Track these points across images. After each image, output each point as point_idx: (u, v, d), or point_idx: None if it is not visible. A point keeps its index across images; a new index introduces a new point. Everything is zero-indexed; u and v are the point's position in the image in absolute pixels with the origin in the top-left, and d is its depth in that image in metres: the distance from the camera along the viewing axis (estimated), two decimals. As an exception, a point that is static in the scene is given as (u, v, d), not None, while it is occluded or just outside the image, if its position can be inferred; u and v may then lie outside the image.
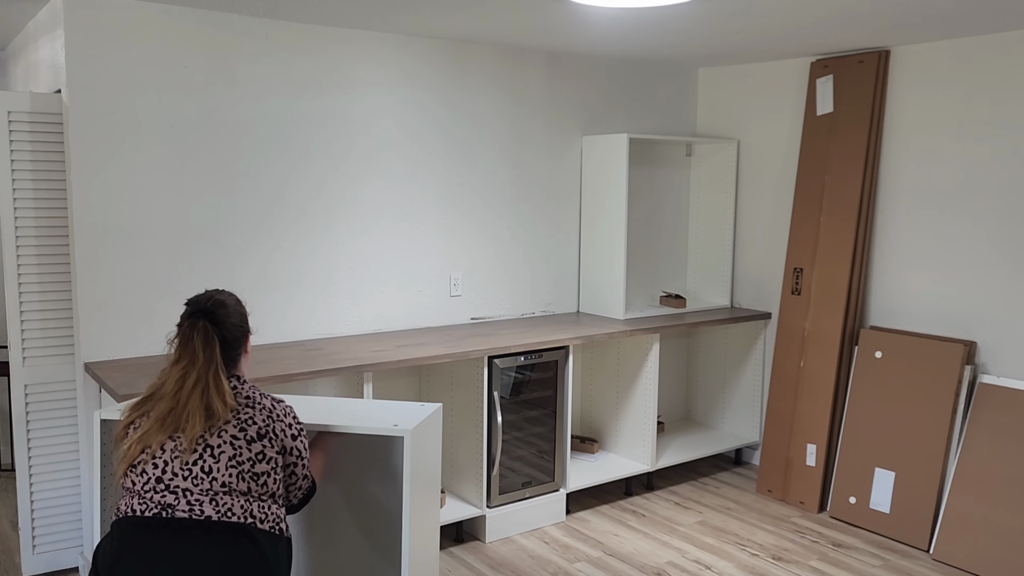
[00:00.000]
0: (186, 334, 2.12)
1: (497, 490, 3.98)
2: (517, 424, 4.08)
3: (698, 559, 3.82)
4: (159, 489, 2.00)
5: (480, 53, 4.34)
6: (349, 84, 3.94)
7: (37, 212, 3.37)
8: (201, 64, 3.55)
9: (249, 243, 3.75)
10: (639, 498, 4.55)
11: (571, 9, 3.47)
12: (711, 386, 5.30)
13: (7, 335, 3.44)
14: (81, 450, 3.51)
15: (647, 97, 5.04)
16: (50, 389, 3.47)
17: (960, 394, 3.93)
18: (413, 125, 4.16)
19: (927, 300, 4.20)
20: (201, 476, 2.00)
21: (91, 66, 3.31)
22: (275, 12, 3.57)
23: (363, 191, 4.03)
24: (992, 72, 3.91)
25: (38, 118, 3.34)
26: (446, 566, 3.71)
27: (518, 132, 4.54)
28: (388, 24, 3.82)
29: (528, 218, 4.63)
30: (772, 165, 4.90)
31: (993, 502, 3.72)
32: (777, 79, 4.84)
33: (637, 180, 5.02)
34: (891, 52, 4.28)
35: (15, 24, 3.96)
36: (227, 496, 2.01)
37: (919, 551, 3.94)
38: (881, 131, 4.34)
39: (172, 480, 2.00)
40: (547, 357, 4.09)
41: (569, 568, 3.72)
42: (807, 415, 4.45)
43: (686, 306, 4.98)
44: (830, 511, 4.32)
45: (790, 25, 3.76)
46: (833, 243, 4.40)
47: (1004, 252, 3.91)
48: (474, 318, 4.49)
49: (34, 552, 3.51)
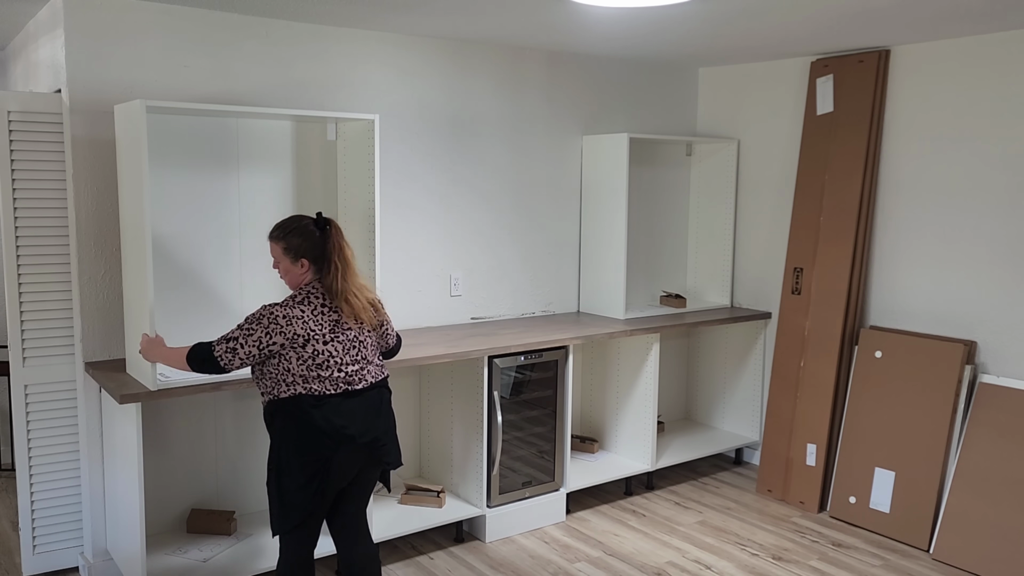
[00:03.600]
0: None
1: (497, 490, 3.98)
2: (517, 424, 4.08)
3: (698, 559, 3.82)
4: None
5: (480, 53, 4.34)
6: (349, 83, 3.94)
7: (37, 212, 3.37)
8: (202, 63, 3.55)
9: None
10: (639, 498, 4.55)
11: (571, 9, 3.46)
12: (711, 386, 5.30)
13: (7, 335, 3.44)
14: (81, 450, 3.50)
15: (647, 97, 5.04)
16: (50, 389, 3.47)
17: (960, 394, 3.93)
18: (413, 125, 4.16)
19: (927, 300, 4.20)
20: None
21: (91, 66, 3.31)
22: (275, 11, 3.57)
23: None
24: (992, 72, 3.91)
25: (38, 118, 3.34)
26: (446, 566, 3.71)
27: (518, 132, 4.53)
28: (388, 24, 3.82)
29: (528, 218, 4.63)
30: (772, 165, 4.90)
31: (993, 502, 3.72)
32: (777, 79, 4.84)
33: (637, 180, 5.02)
34: (891, 52, 4.28)
35: (15, 24, 3.96)
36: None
37: (919, 551, 3.94)
38: (881, 131, 4.34)
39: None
40: (547, 357, 4.09)
41: (569, 568, 3.72)
42: (807, 415, 4.45)
43: (686, 306, 4.98)
44: (830, 511, 4.32)
45: (790, 25, 3.76)
46: (833, 243, 4.40)
47: (1004, 252, 3.91)
48: (474, 318, 4.49)
49: (34, 552, 3.51)
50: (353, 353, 2.76)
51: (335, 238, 2.79)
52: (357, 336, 2.78)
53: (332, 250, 2.76)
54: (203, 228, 3.62)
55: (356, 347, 2.77)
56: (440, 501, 3.93)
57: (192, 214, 3.59)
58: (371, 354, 2.84)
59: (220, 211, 3.65)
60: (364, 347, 2.80)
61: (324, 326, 2.72)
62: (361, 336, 2.80)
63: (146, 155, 2.96)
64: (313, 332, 2.69)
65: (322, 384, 2.68)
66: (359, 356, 2.78)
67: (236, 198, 3.68)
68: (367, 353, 2.81)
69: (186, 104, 3.20)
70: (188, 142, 3.55)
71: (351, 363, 2.75)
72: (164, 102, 3.12)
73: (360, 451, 2.74)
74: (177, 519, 3.67)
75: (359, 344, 2.79)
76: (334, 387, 2.70)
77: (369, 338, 2.83)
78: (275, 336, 2.65)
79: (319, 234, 2.77)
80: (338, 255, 2.76)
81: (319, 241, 2.76)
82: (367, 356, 2.81)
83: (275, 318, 2.66)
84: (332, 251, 2.76)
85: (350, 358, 2.75)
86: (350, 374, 2.74)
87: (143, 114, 2.95)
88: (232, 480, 3.79)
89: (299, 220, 2.82)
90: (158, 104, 3.10)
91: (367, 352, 2.81)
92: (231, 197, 3.67)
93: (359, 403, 2.74)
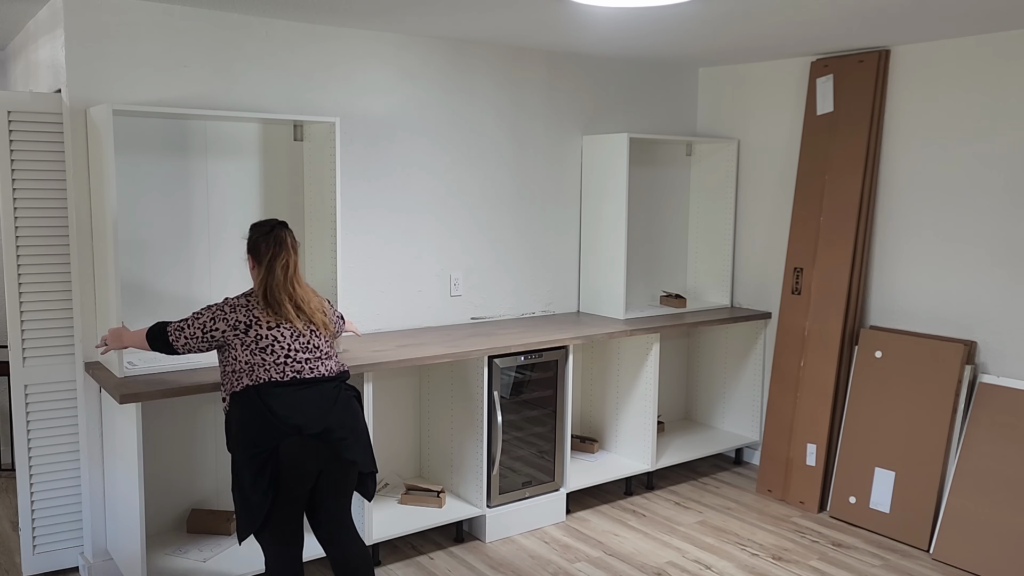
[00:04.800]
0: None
1: (497, 490, 3.98)
2: (517, 424, 4.08)
3: (698, 559, 3.82)
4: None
5: (480, 53, 4.34)
6: (349, 83, 3.94)
7: (37, 212, 3.37)
8: (202, 63, 3.55)
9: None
10: (639, 498, 4.55)
11: (571, 9, 3.46)
12: (711, 386, 5.30)
13: (7, 335, 3.43)
14: (81, 450, 3.50)
15: (647, 97, 5.04)
16: (50, 389, 3.47)
17: (960, 394, 3.93)
18: (413, 124, 4.16)
19: (927, 300, 4.20)
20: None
21: (91, 66, 3.31)
22: (276, 11, 3.57)
23: (362, 190, 4.03)
24: (992, 72, 3.91)
25: (38, 118, 3.34)
26: (446, 566, 3.71)
27: (518, 132, 4.53)
28: (388, 24, 3.82)
29: (528, 217, 4.63)
30: (772, 165, 4.90)
31: (993, 502, 3.72)
32: (777, 79, 4.84)
33: (637, 180, 5.02)
34: (891, 52, 4.28)
35: (15, 24, 3.96)
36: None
37: (919, 551, 3.94)
38: (881, 131, 4.34)
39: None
40: (547, 357, 4.09)
41: (569, 568, 3.72)
42: (807, 415, 4.45)
43: (686, 306, 4.98)
44: (830, 511, 4.32)
45: (790, 25, 3.76)
46: (833, 243, 4.40)
47: (1004, 252, 3.91)
48: (474, 318, 4.49)
49: (34, 552, 3.51)
50: (303, 341, 2.80)
51: (278, 243, 2.84)
52: (304, 332, 2.82)
53: (274, 256, 2.82)
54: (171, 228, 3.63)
55: (307, 336, 2.81)
56: (440, 501, 3.93)
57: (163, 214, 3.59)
58: (325, 345, 2.87)
59: (190, 212, 3.66)
60: (317, 337, 2.85)
61: (271, 317, 2.78)
62: (312, 336, 2.84)
63: (112, 158, 3.07)
64: (256, 319, 2.76)
65: (267, 371, 2.72)
66: (310, 345, 2.81)
67: (204, 198, 3.69)
68: (320, 343, 2.85)
69: (152, 108, 3.23)
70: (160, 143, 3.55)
71: (300, 350, 2.78)
72: (130, 106, 3.20)
73: (310, 443, 2.70)
74: (177, 519, 3.67)
75: (310, 335, 2.83)
76: (280, 374, 2.73)
77: (320, 338, 2.87)
78: (218, 323, 2.77)
79: (268, 235, 2.85)
80: (279, 263, 2.82)
81: (269, 242, 2.84)
82: (320, 347, 2.84)
83: (222, 306, 2.81)
84: (274, 257, 2.82)
85: (300, 345, 2.79)
86: (299, 361, 2.77)
87: (110, 118, 3.05)
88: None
89: (266, 220, 2.94)
90: (125, 108, 3.17)
91: (320, 343, 2.85)
92: (198, 196, 3.67)
93: (309, 394, 2.75)
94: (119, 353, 3.13)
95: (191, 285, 3.62)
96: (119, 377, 3.14)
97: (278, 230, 2.87)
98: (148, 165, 3.48)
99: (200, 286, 3.65)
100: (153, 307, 3.54)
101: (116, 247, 3.12)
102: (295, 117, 3.53)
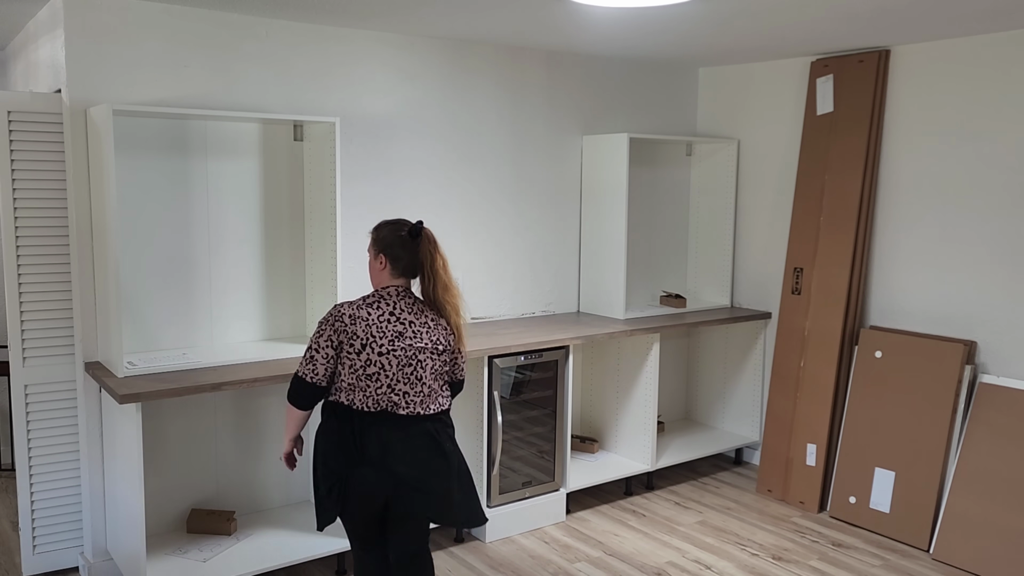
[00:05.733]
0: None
1: (497, 490, 3.98)
2: (517, 424, 4.08)
3: (698, 559, 3.82)
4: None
5: (480, 53, 4.34)
6: (349, 83, 3.94)
7: (37, 212, 3.37)
8: (202, 63, 3.55)
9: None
10: (639, 498, 4.55)
11: (571, 9, 3.46)
12: (711, 386, 5.30)
13: (7, 335, 3.44)
14: (81, 450, 3.50)
15: (647, 97, 5.04)
16: (50, 389, 3.47)
17: (960, 394, 3.93)
18: (413, 125, 4.16)
19: (927, 300, 4.20)
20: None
21: (91, 66, 3.31)
22: (276, 11, 3.57)
23: (362, 190, 4.03)
24: (992, 72, 3.91)
25: (38, 118, 3.34)
26: (446, 566, 3.71)
27: (518, 132, 4.53)
28: (388, 24, 3.82)
29: (528, 218, 4.63)
30: (772, 165, 4.90)
31: (993, 502, 3.72)
32: (777, 79, 4.84)
33: (637, 180, 5.02)
34: (891, 52, 4.28)
35: (15, 24, 3.96)
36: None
37: (919, 551, 3.94)
38: (881, 131, 4.34)
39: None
40: (547, 357, 4.09)
41: (569, 568, 3.72)
42: (807, 415, 4.45)
43: (686, 306, 4.98)
44: (830, 511, 4.32)
45: (790, 25, 3.76)
46: (833, 243, 4.40)
47: (1004, 252, 3.91)
48: (474, 318, 4.49)
49: (34, 552, 3.51)
50: (408, 371, 2.60)
51: (426, 247, 2.67)
52: (418, 355, 2.62)
53: (424, 260, 2.67)
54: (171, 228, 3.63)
55: (413, 365, 2.60)
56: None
57: (162, 214, 3.59)
58: (429, 377, 2.64)
59: (190, 212, 3.66)
60: (422, 368, 2.62)
61: (386, 335, 2.58)
62: (422, 356, 2.63)
63: (112, 158, 3.06)
64: (373, 338, 2.57)
65: (365, 398, 2.57)
66: (414, 376, 2.61)
67: (204, 198, 3.69)
68: (424, 375, 2.63)
69: (152, 108, 3.23)
70: (160, 143, 3.55)
71: (403, 381, 2.59)
72: (130, 106, 3.19)
73: (384, 479, 2.59)
74: (177, 519, 3.67)
75: (417, 364, 2.61)
76: (375, 405, 2.58)
77: (433, 360, 2.66)
78: (341, 335, 2.57)
79: (409, 238, 2.67)
80: (429, 266, 2.66)
81: (409, 245, 2.67)
82: (423, 379, 2.63)
83: (341, 316, 2.58)
84: (424, 260, 2.67)
85: (403, 375, 2.59)
86: (397, 393, 2.59)
87: (110, 118, 3.04)
88: (232, 480, 3.79)
89: (398, 220, 2.76)
90: (125, 108, 3.16)
91: (424, 374, 2.63)
92: (198, 196, 3.68)
93: (396, 431, 2.60)
94: (119, 353, 3.13)
95: (191, 285, 3.62)
96: (119, 377, 3.15)
97: (418, 232, 2.69)
98: (148, 165, 3.48)
99: (200, 286, 3.65)
100: (152, 307, 3.55)
101: (116, 247, 3.13)
102: (295, 117, 3.54)
